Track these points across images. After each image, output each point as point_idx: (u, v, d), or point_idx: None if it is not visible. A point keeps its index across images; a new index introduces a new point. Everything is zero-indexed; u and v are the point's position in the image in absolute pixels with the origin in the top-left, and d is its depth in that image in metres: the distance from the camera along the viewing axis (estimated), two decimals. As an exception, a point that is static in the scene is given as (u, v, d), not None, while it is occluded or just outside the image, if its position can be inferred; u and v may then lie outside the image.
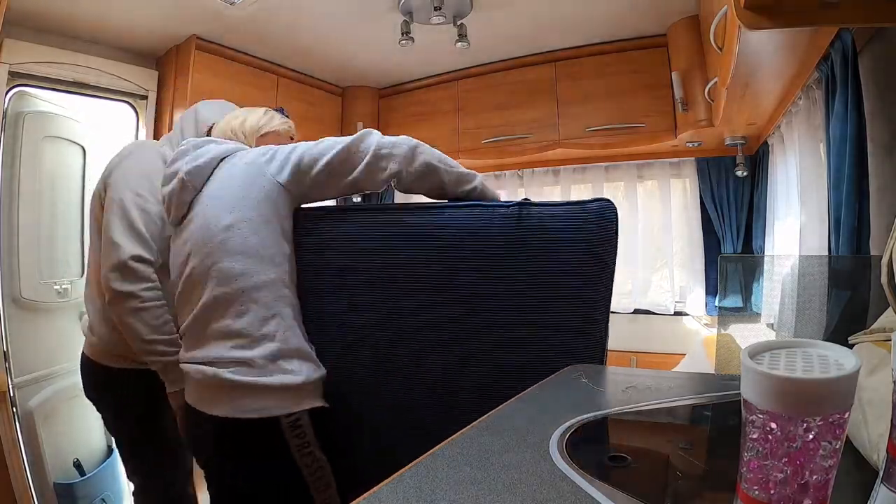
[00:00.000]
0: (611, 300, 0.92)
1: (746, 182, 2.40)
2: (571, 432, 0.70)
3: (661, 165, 2.66)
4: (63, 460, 1.84)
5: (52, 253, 1.94)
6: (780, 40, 1.20)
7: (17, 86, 1.82)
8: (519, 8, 2.06)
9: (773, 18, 0.93)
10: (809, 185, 1.59)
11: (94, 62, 2.04)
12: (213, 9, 1.94)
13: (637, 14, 2.13)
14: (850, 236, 1.11)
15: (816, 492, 0.31)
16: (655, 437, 0.77)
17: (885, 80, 1.16)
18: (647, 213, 2.74)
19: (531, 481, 0.55)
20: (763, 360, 0.34)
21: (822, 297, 1.13)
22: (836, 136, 1.17)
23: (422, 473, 0.58)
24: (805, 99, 1.55)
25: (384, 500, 0.52)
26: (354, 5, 2.00)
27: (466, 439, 0.69)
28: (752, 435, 0.33)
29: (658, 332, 2.65)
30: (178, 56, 2.21)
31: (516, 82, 2.64)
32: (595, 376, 1.03)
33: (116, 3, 1.84)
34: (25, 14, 1.78)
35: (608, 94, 2.42)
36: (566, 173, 2.86)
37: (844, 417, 0.30)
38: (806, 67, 1.40)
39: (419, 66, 2.74)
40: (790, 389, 0.30)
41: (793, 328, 1.27)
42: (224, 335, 0.88)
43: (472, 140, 2.76)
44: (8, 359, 1.71)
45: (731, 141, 2.32)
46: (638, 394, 0.89)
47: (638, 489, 0.52)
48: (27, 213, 1.84)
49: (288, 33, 2.21)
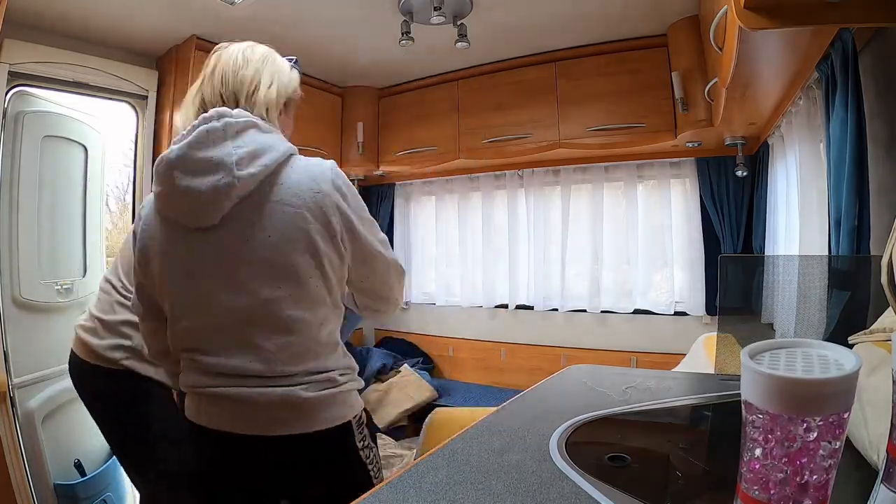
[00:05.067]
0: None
1: (746, 182, 2.40)
2: (571, 432, 0.70)
3: (661, 165, 2.66)
4: (64, 461, 1.84)
5: (52, 253, 1.94)
6: (780, 40, 1.20)
7: (17, 86, 1.82)
8: (519, 8, 2.06)
9: (773, 18, 0.93)
10: (809, 185, 1.59)
11: (94, 62, 2.04)
12: (212, 9, 1.94)
13: (637, 14, 2.13)
14: (850, 236, 1.11)
15: (816, 492, 0.31)
16: (655, 437, 0.78)
17: (885, 80, 1.16)
18: (647, 213, 2.74)
19: (531, 481, 0.55)
20: (763, 360, 0.34)
21: (822, 297, 1.13)
22: (836, 136, 1.17)
23: (422, 473, 0.58)
24: (805, 99, 1.55)
25: (384, 500, 0.52)
26: (354, 5, 2.00)
27: (466, 439, 0.69)
28: (752, 435, 0.33)
29: (658, 332, 2.65)
30: (178, 56, 2.21)
31: (516, 82, 2.64)
32: (595, 376, 1.03)
33: (116, 3, 1.84)
34: (25, 14, 1.78)
35: (608, 94, 2.42)
36: (566, 173, 2.86)
37: (844, 417, 0.30)
38: (806, 67, 1.40)
39: (419, 66, 2.74)
40: (790, 389, 0.30)
41: (793, 328, 1.27)
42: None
43: (472, 140, 2.76)
44: (8, 359, 1.70)
45: (731, 141, 2.32)
46: (638, 394, 0.89)
47: (638, 489, 0.52)
48: (27, 213, 1.84)
49: (288, 33, 2.21)
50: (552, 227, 2.92)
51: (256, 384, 0.83)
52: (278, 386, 0.83)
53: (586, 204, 2.86)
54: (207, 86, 0.90)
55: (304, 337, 0.85)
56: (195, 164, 0.83)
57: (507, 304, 3.06)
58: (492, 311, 3.12)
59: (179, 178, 0.83)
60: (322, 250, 0.85)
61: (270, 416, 0.83)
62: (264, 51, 0.95)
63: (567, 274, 2.88)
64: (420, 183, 3.33)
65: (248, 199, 0.83)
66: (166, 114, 2.25)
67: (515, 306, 3.04)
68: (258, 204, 0.84)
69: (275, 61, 0.95)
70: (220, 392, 0.84)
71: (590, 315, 2.82)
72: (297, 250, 0.83)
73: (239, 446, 0.85)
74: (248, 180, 0.82)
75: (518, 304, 3.04)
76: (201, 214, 0.83)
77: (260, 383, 0.83)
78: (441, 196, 3.30)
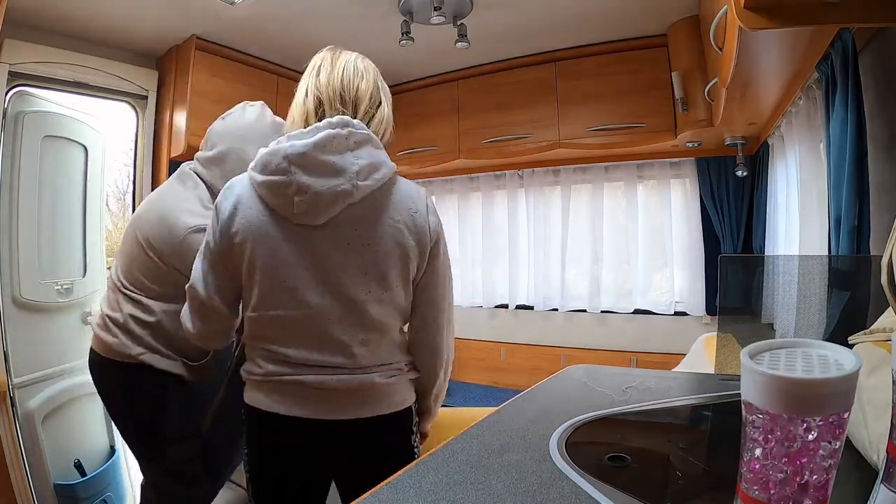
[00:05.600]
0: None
1: (746, 182, 2.40)
2: (571, 432, 0.70)
3: (661, 165, 2.66)
4: (64, 461, 1.84)
5: (52, 253, 1.94)
6: (780, 40, 1.20)
7: (17, 86, 1.82)
8: (519, 8, 2.06)
9: (773, 18, 0.93)
10: (809, 185, 1.59)
11: (94, 62, 2.04)
12: (212, 9, 1.94)
13: (637, 14, 2.13)
14: (850, 236, 1.11)
15: (816, 492, 0.31)
16: (655, 437, 0.77)
17: (885, 80, 1.16)
18: (647, 213, 2.75)
19: (531, 481, 0.55)
20: (763, 360, 0.34)
21: (822, 297, 1.13)
22: (836, 136, 1.17)
23: (422, 473, 0.58)
24: (805, 99, 1.55)
25: (384, 500, 0.52)
26: (354, 5, 2.00)
27: (466, 439, 0.69)
28: (752, 435, 0.33)
29: (658, 332, 2.65)
30: (178, 56, 2.21)
31: (516, 82, 2.64)
32: (595, 376, 1.03)
33: (116, 3, 1.84)
34: (25, 14, 1.78)
35: (608, 94, 2.42)
36: (566, 173, 2.87)
37: (844, 417, 0.30)
38: (806, 67, 1.40)
39: (419, 66, 2.74)
40: (790, 389, 0.30)
41: (793, 328, 1.27)
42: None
43: (472, 140, 2.76)
44: (8, 359, 1.70)
45: (731, 141, 2.32)
46: (638, 394, 0.89)
47: (638, 489, 0.52)
48: (27, 213, 1.84)
49: (288, 33, 2.21)
50: (552, 227, 2.92)
51: (334, 373, 0.90)
52: (356, 374, 0.91)
53: (586, 204, 2.86)
54: (325, 83, 0.93)
55: (383, 335, 0.93)
56: (318, 165, 0.86)
57: (507, 304, 3.06)
58: (492, 311, 3.12)
59: (298, 174, 0.86)
60: (411, 263, 0.92)
61: (347, 401, 0.90)
62: (375, 67, 1.00)
63: (567, 274, 2.88)
64: (420, 183, 3.33)
65: (355, 207, 0.89)
66: (166, 114, 2.25)
67: (515, 306, 3.04)
68: (363, 213, 0.90)
69: (383, 81, 1.01)
70: (301, 380, 0.89)
71: (590, 315, 2.82)
72: (391, 260, 0.90)
73: (312, 431, 0.91)
74: (363, 190, 0.88)
75: (518, 304, 3.04)
76: (314, 213, 0.87)
77: (337, 372, 0.90)
78: (441, 196, 3.30)
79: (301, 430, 0.91)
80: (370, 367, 0.92)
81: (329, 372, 0.90)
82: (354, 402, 0.91)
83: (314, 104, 0.92)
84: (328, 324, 0.89)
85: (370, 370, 0.92)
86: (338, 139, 0.87)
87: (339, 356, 0.90)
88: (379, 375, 0.92)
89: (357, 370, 0.91)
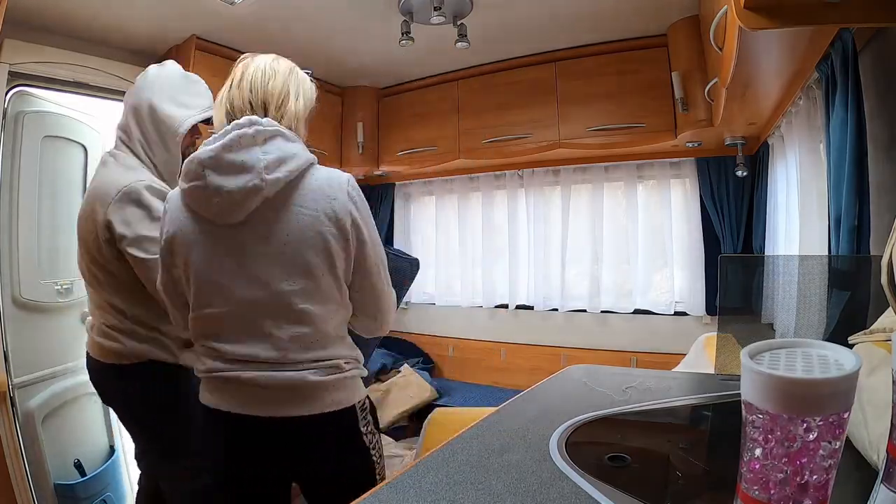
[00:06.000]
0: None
1: (746, 182, 2.40)
2: (571, 432, 0.70)
3: (661, 165, 2.66)
4: (64, 461, 1.84)
5: (52, 253, 1.94)
6: (780, 40, 1.20)
7: (17, 86, 1.82)
8: (519, 8, 2.06)
9: (773, 18, 0.93)
10: (809, 185, 1.59)
11: (94, 62, 2.04)
12: (212, 9, 1.94)
13: (637, 14, 2.13)
14: (850, 236, 1.11)
15: (816, 492, 0.31)
16: (655, 437, 0.78)
17: (885, 80, 1.16)
18: (647, 213, 2.74)
19: (531, 481, 0.55)
20: (763, 360, 0.34)
21: (822, 297, 1.13)
22: (836, 136, 1.17)
23: (422, 473, 0.58)
24: (805, 99, 1.55)
25: (384, 500, 0.52)
26: (354, 5, 2.00)
27: (466, 439, 0.69)
28: (752, 435, 0.33)
29: (658, 332, 2.65)
30: (178, 56, 2.20)
31: (516, 82, 2.64)
32: (595, 376, 1.04)
33: (116, 2, 1.84)
34: (25, 14, 1.78)
35: (608, 94, 2.42)
36: (566, 173, 2.86)
37: (844, 417, 0.30)
38: (806, 67, 1.40)
39: (419, 66, 2.74)
40: (790, 389, 0.30)
41: (793, 328, 1.27)
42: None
43: (472, 140, 2.76)
44: (8, 359, 1.70)
45: (731, 141, 2.32)
46: (638, 394, 0.89)
47: (638, 489, 0.52)
48: (27, 213, 1.84)
49: (288, 33, 2.21)
50: (552, 227, 2.92)
51: (267, 369, 0.91)
52: (287, 370, 0.91)
53: (586, 204, 2.86)
54: (236, 93, 0.98)
55: (314, 328, 0.93)
56: (227, 165, 0.90)
57: (507, 304, 3.06)
58: (492, 311, 3.12)
59: (211, 176, 0.90)
60: (334, 251, 0.92)
61: (279, 398, 0.91)
62: (289, 64, 1.03)
63: (567, 274, 2.88)
64: (420, 183, 3.33)
65: (271, 200, 0.91)
66: (166, 114, 2.24)
67: (515, 306, 3.04)
68: (280, 206, 0.91)
69: (298, 75, 1.04)
70: (234, 376, 0.91)
71: (590, 315, 2.82)
72: (312, 250, 0.91)
73: (251, 428, 0.92)
74: (274, 184, 0.90)
75: (518, 304, 3.04)
76: (229, 212, 0.90)
77: (271, 368, 0.91)
78: (441, 196, 3.30)
79: (240, 426, 0.93)
80: (302, 362, 0.92)
81: (261, 367, 0.91)
82: (286, 400, 0.91)
83: (226, 115, 0.97)
84: (259, 318, 0.91)
85: (302, 366, 0.92)
86: (244, 137, 0.90)
87: (271, 351, 0.91)
88: (312, 373, 0.92)
89: (288, 366, 0.91)
